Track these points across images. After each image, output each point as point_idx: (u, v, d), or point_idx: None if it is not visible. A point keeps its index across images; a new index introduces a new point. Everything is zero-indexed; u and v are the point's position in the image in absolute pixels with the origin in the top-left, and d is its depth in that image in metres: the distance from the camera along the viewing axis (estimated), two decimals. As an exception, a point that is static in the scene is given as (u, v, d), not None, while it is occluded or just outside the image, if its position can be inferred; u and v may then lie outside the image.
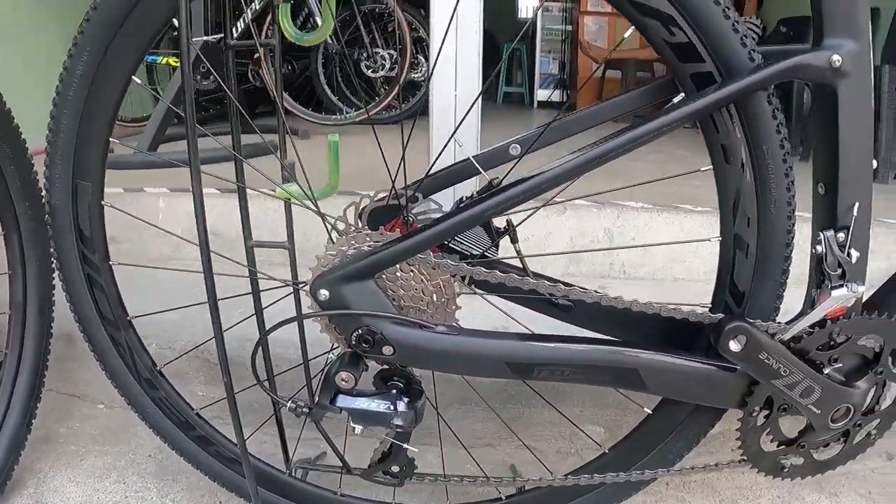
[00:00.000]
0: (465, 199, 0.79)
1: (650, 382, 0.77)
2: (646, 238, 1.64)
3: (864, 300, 0.88)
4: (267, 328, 0.84)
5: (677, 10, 0.67)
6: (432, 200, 0.83)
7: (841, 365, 0.83)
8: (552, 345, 0.75)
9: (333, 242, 0.78)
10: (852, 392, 0.83)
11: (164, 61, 3.32)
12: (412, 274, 0.75)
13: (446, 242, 0.81)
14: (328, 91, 3.72)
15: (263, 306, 0.91)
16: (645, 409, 0.88)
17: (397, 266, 0.75)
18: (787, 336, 0.78)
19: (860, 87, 0.73)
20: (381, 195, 0.81)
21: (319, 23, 0.80)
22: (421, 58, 3.63)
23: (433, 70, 1.50)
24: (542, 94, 6.46)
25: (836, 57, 0.71)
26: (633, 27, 0.71)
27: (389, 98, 3.39)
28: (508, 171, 0.79)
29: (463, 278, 0.77)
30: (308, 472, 1.00)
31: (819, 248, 0.77)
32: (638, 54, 5.39)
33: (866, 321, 0.81)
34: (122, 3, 0.74)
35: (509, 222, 0.82)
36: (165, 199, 1.70)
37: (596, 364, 0.75)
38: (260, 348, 0.87)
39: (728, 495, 1.15)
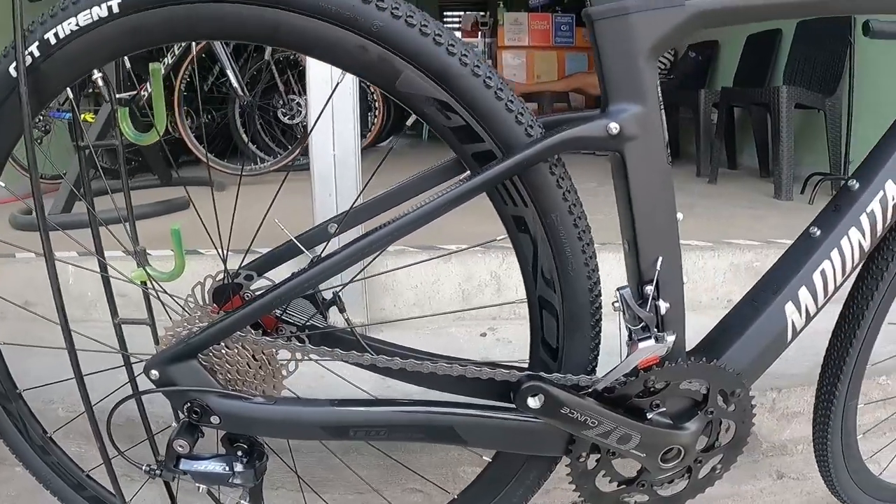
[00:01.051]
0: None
1: (468, 437, 0.81)
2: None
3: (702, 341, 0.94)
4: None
5: (451, 95, 0.72)
6: (266, 278, 0.87)
7: (666, 409, 0.87)
8: (364, 408, 0.79)
9: (172, 323, 0.83)
10: (679, 434, 0.87)
11: (82, 118, 3.36)
12: (237, 350, 0.80)
13: (278, 315, 0.86)
14: (245, 140, 3.77)
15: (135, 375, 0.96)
16: (484, 457, 0.92)
17: (223, 343, 0.79)
18: (599, 387, 0.82)
19: (648, 148, 0.78)
20: (218, 276, 0.86)
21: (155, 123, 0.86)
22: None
23: (311, 137, 1.56)
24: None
25: (612, 125, 0.76)
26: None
27: (303, 143, 3.42)
28: (324, 248, 0.83)
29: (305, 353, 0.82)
30: None
31: (616, 304, 0.81)
32: (553, 87, 5.57)
33: (681, 368, 0.85)
34: None
35: (335, 294, 0.87)
36: (76, 264, 1.74)
37: (408, 423, 0.79)
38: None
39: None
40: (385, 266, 1.76)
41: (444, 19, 9.33)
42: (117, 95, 0.95)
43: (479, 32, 8.22)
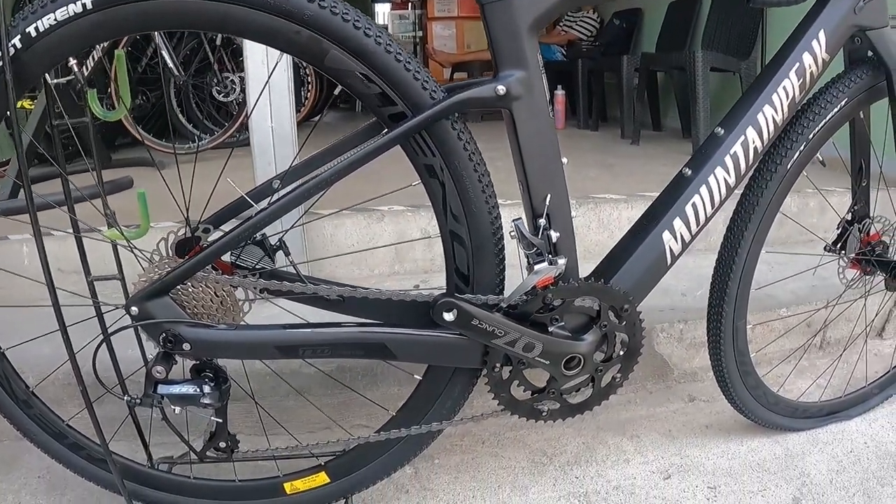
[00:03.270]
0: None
1: (398, 352, 0.98)
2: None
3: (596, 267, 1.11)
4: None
5: (368, 68, 0.89)
6: (221, 230, 1.03)
7: (564, 323, 1.05)
8: (311, 330, 0.97)
9: (144, 271, 0.99)
10: (576, 343, 1.05)
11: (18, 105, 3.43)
12: (201, 289, 0.96)
13: (233, 261, 1.02)
14: (182, 119, 3.81)
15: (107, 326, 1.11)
16: (415, 376, 1.09)
17: (189, 283, 0.95)
18: (504, 304, 1.00)
19: (532, 105, 0.96)
20: (180, 230, 1.02)
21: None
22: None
23: (251, 114, 1.70)
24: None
25: (500, 87, 0.93)
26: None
27: (240, 121, 3.51)
28: (267, 201, 1.00)
29: (256, 287, 0.98)
30: (170, 465, 1.18)
31: (512, 233, 0.99)
32: (483, 56, 5.74)
33: (573, 286, 1.03)
34: None
35: (281, 240, 1.03)
36: (29, 245, 1.85)
37: (348, 341, 0.97)
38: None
39: (537, 447, 1.37)
40: (324, 229, 1.91)
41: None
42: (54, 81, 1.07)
43: (409, 4, 8.20)
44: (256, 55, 1.59)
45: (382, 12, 9.12)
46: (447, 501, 1.22)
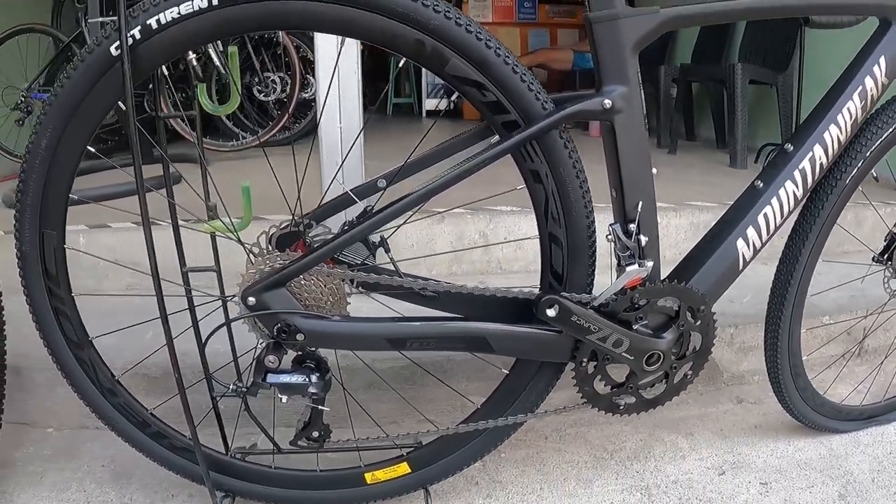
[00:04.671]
0: (345, 224, 1.05)
1: (496, 346, 1.04)
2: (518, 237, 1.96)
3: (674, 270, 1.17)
4: (207, 334, 1.08)
5: (486, 78, 0.94)
6: (324, 226, 1.08)
7: (647, 321, 1.11)
8: (417, 323, 1.02)
9: (252, 263, 1.04)
10: (658, 341, 1.11)
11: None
12: (313, 281, 1.01)
13: (336, 257, 1.07)
14: (224, 118, 3.84)
15: (200, 318, 1.15)
16: (503, 370, 1.14)
17: (301, 276, 1.00)
18: (596, 303, 1.06)
19: (631, 119, 1.02)
20: (283, 224, 1.07)
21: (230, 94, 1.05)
22: (310, 77, 3.77)
23: (321, 116, 1.75)
24: (430, 104, 6.59)
25: (606, 101, 0.99)
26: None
27: (283, 121, 3.56)
28: (377, 200, 1.05)
29: (352, 281, 1.03)
30: (244, 455, 1.20)
31: (609, 237, 1.05)
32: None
33: (658, 287, 1.09)
34: (76, 92, 0.92)
35: (382, 237, 1.08)
36: (85, 236, 1.87)
37: (453, 335, 1.03)
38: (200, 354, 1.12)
39: (598, 443, 1.43)
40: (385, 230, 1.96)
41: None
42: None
43: None
44: (326, 52, 1.63)
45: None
46: (516, 493, 1.28)
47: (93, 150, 1.00)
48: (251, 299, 0.99)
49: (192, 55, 0.94)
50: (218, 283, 1.19)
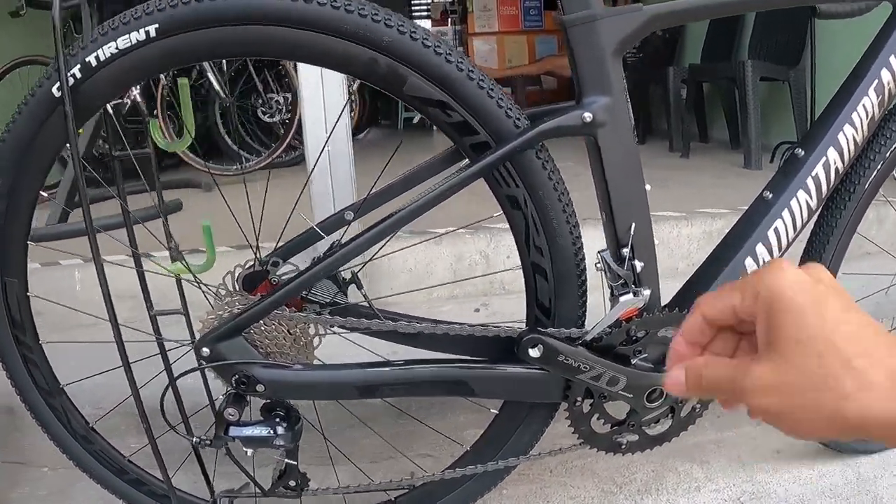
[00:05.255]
0: (313, 260, 0.96)
1: (478, 389, 0.94)
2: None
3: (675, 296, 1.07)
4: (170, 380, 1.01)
5: (450, 96, 0.85)
6: (291, 263, 1.00)
7: (647, 355, 1.00)
8: (390, 368, 0.92)
9: (213, 308, 0.95)
10: (660, 375, 1.01)
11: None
12: (274, 326, 0.92)
13: (306, 296, 0.98)
14: (228, 141, 3.81)
15: (172, 361, 1.08)
16: (492, 410, 1.05)
17: (262, 321, 0.92)
18: (588, 338, 0.95)
19: (616, 133, 0.91)
20: (248, 263, 0.98)
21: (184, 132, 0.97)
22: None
23: (306, 139, 1.67)
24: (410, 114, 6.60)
25: (586, 114, 0.89)
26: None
27: (287, 140, 3.50)
28: (343, 233, 0.96)
29: (331, 325, 0.94)
30: (231, 500, 1.15)
31: (598, 265, 0.94)
32: (525, 70, 5.62)
33: (658, 317, 0.98)
34: (24, 136, 0.87)
35: (353, 273, 0.99)
36: (81, 270, 1.81)
37: (429, 380, 0.93)
38: (174, 399, 1.04)
39: (606, 475, 1.33)
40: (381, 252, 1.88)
41: (413, 8, 9.32)
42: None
43: (449, 20, 8.29)
44: (309, 75, 1.56)
45: (421, 28, 9.12)
46: (517, 535, 1.18)
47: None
48: (205, 350, 0.91)
49: (135, 91, 0.87)
50: (187, 326, 1.11)
